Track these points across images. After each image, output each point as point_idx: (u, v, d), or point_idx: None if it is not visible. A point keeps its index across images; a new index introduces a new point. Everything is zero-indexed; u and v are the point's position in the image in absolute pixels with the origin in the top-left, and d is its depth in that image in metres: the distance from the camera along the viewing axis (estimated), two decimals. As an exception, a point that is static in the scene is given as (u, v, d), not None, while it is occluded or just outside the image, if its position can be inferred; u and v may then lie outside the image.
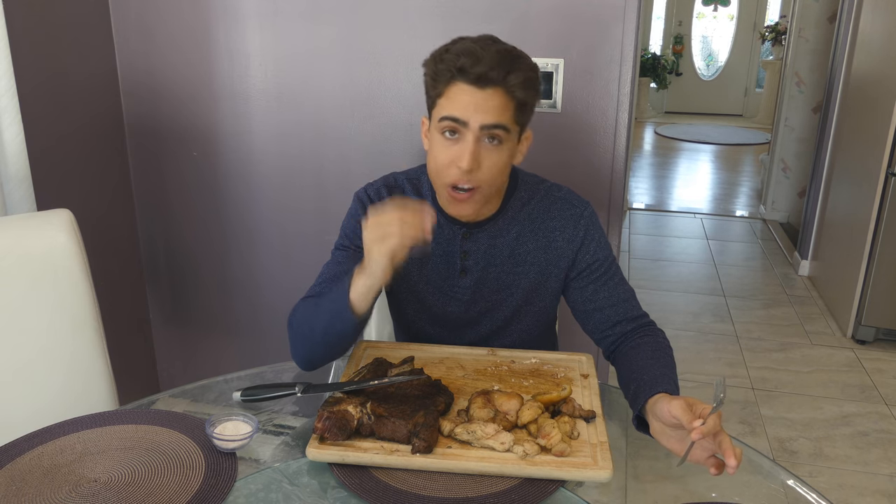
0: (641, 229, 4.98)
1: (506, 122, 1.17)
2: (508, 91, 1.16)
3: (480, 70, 1.13)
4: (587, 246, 1.33)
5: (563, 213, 1.33)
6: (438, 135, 1.20)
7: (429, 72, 1.20)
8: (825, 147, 3.98)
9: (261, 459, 1.09)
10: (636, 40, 1.93)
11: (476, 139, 1.16)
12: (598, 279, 1.33)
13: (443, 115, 1.17)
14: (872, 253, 3.14)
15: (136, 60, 2.19)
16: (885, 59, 3.18)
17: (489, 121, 1.16)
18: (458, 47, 1.16)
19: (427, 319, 1.40)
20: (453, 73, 1.15)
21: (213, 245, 2.36)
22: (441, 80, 1.17)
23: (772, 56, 8.35)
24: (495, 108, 1.15)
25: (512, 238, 1.33)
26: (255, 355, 2.46)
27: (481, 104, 1.15)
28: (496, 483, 1.01)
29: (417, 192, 1.35)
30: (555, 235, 1.33)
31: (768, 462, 1.15)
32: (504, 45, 1.19)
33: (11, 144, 1.72)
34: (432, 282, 1.36)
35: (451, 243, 1.33)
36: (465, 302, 1.36)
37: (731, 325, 3.47)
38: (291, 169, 2.22)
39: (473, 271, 1.34)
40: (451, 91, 1.16)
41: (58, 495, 0.99)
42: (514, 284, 1.35)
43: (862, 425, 2.65)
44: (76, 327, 1.42)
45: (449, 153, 1.19)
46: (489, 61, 1.14)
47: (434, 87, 1.19)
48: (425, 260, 1.34)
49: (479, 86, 1.15)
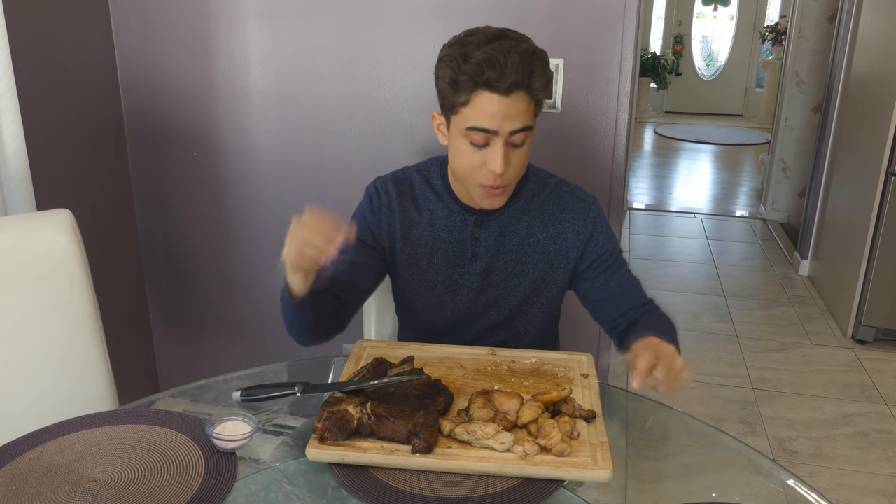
0: (641, 229, 4.98)
1: (530, 122, 1.20)
2: (531, 94, 1.17)
3: (508, 80, 1.13)
4: (596, 238, 1.36)
5: (573, 206, 1.36)
6: (465, 141, 1.20)
7: (445, 77, 1.18)
8: (825, 147, 3.98)
9: (261, 459, 1.09)
10: (636, 40, 1.93)
11: (504, 143, 1.19)
12: (607, 270, 1.36)
13: (470, 126, 1.18)
14: (872, 253, 3.14)
15: (136, 60, 2.19)
16: (885, 59, 3.18)
17: (517, 126, 1.18)
18: (480, 56, 1.13)
19: (435, 309, 1.41)
20: (477, 83, 1.14)
21: (213, 244, 2.36)
22: (463, 89, 1.16)
23: (772, 56, 8.36)
24: (521, 113, 1.17)
25: (522, 227, 1.35)
26: (255, 355, 2.46)
27: (508, 111, 1.16)
28: (496, 483, 1.01)
29: (428, 183, 1.37)
30: (564, 227, 1.36)
31: (768, 462, 1.15)
32: (520, 43, 1.17)
33: (11, 144, 1.72)
34: (442, 270, 1.38)
35: (463, 230, 1.35)
36: (474, 289, 1.38)
37: (731, 325, 3.47)
38: (291, 168, 2.22)
39: (483, 258, 1.36)
40: (476, 101, 1.16)
41: (58, 495, 0.99)
42: (522, 274, 1.37)
43: (862, 425, 2.65)
44: (76, 327, 1.42)
45: (479, 157, 1.20)
46: (513, 69, 1.13)
47: (455, 95, 1.18)
48: (435, 249, 1.36)
49: (505, 94, 1.15)
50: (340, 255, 1.22)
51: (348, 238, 1.09)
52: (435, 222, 1.36)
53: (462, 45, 1.17)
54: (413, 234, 1.37)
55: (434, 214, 1.36)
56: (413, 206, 1.37)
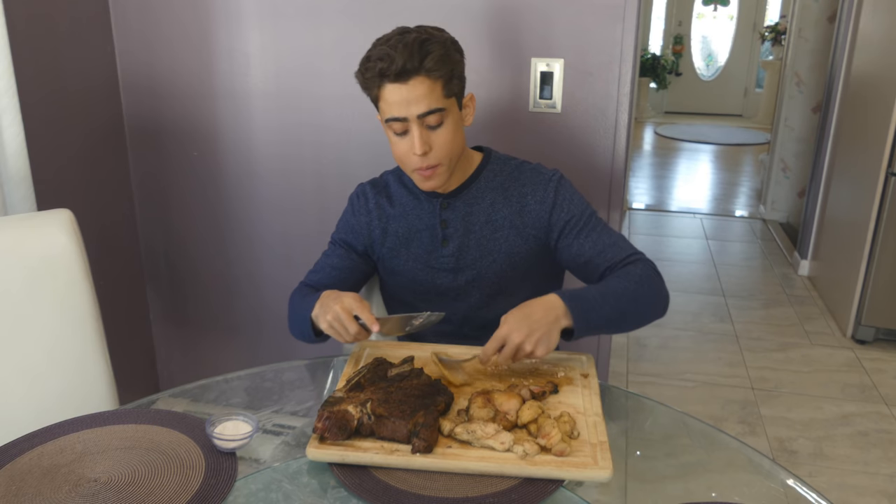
0: (641, 229, 4.98)
1: (437, 104, 1.29)
2: (428, 74, 1.27)
3: (396, 67, 1.25)
4: (560, 205, 1.41)
5: (534, 179, 1.44)
6: (391, 132, 1.34)
7: (360, 82, 1.34)
8: (825, 147, 3.98)
9: (261, 459, 1.09)
10: (636, 40, 1.93)
11: (419, 127, 1.30)
12: (579, 233, 1.41)
13: (386, 118, 1.31)
14: (872, 253, 3.14)
15: (137, 60, 2.19)
16: (885, 59, 3.18)
17: (422, 109, 1.28)
18: (376, 53, 1.28)
19: (421, 297, 1.48)
20: (378, 77, 1.28)
21: (213, 244, 2.36)
22: (371, 85, 1.31)
23: (772, 56, 8.35)
24: (423, 96, 1.27)
25: (487, 205, 1.43)
26: (255, 355, 2.46)
27: (410, 97, 1.27)
28: (496, 483, 1.01)
29: (400, 181, 1.49)
30: (527, 200, 1.42)
31: (768, 462, 1.15)
32: (412, 33, 1.30)
33: (11, 144, 1.72)
34: (419, 258, 1.46)
35: (432, 216, 1.44)
36: (451, 270, 1.45)
37: (731, 325, 3.47)
38: (291, 168, 2.22)
39: (454, 238, 1.44)
40: (383, 94, 1.30)
41: (58, 495, 0.99)
42: (495, 250, 1.43)
43: (862, 425, 2.65)
44: (76, 327, 1.42)
45: (403, 145, 1.33)
46: (400, 57, 1.25)
47: (369, 93, 1.33)
48: (411, 238, 1.46)
49: (401, 81, 1.27)
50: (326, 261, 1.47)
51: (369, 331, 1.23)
52: (407, 213, 1.46)
53: (369, 50, 1.32)
54: (390, 227, 1.47)
55: (406, 206, 1.47)
56: (388, 203, 1.48)
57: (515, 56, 1.96)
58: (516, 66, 1.97)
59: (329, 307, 1.24)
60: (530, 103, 1.99)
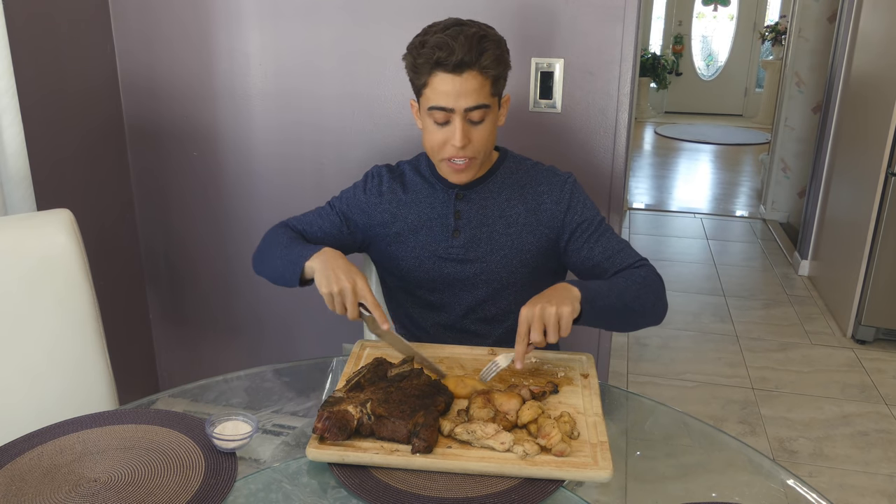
0: (641, 229, 4.98)
1: (485, 100, 1.31)
2: (482, 71, 1.29)
3: (455, 59, 1.27)
4: (574, 208, 1.44)
5: (550, 179, 1.46)
6: (430, 120, 1.35)
7: (409, 65, 1.35)
8: (825, 147, 3.98)
9: (261, 459, 1.09)
10: (636, 40, 1.93)
11: (462, 119, 1.32)
12: (590, 237, 1.43)
13: (430, 106, 1.33)
14: (872, 253, 3.14)
15: (136, 60, 2.19)
16: (885, 59, 3.18)
17: (471, 103, 1.30)
18: (434, 41, 1.29)
19: (426, 286, 1.48)
20: (432, 65, 1.29)
21: (213, 244, 2.36)
22: (422, 72, 1.31)
23: (772, 56, 8.35)
24: (474, 91, 1.29)
25: (502, 200, 1.45)
26: (255, 355, 2.46)
27: (461, 90, 1.29)
28: (496, 483, 1.01)
29: (416, 170, 1.50)
30: (543, 199, 1.45)
31: (768, 462, 1.15)
32: (470, 27, 1.31)
33: (11, 144, 1.72)
34: (427, 246, 1.46)
35: (446, 205, 1.46)
36: (459, 261, 1.45)
37: (731, 325, 3.47)
38: (291, 168, 2.22)
39: (466, 230, 1.44)
40: (433, 81, 1.30)
41: (58, 495, 0.99)
42: (506, 245, 1.44)
43: (862, 425, 2.65)
44: (76, 327, 1.42)
45: (442, 134, 1.34)
46: (461, 49, 1.26)
47: (417, 78, 1.34)
48: (421, 226, 1.46)
49: (456, 73, 1.28)
50: (317, 223, 1.49)
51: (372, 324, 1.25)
52: (420, 201, 1.47)
53: (422, 35, 1.33)
54: (400, 212, 1.48)
55: (419, 194, 1.48)
56: (401, 189, 1.49)
57: (515, 56, 1.95)
58: (516, 66, 1.96)
59: (339, 278, 1.24)
60: (530, 103, 1.99)
